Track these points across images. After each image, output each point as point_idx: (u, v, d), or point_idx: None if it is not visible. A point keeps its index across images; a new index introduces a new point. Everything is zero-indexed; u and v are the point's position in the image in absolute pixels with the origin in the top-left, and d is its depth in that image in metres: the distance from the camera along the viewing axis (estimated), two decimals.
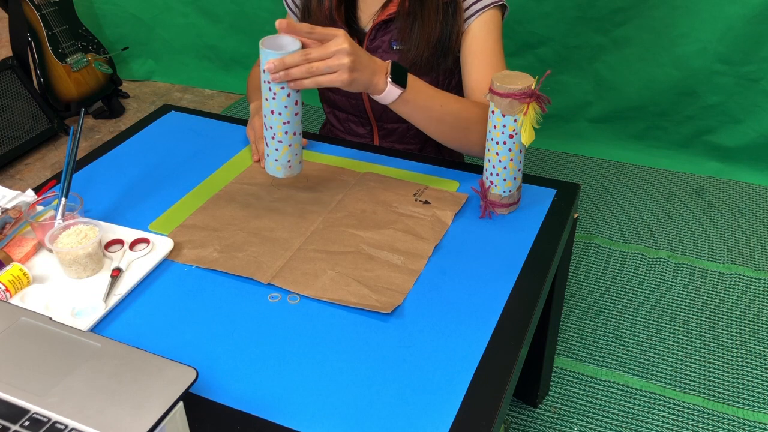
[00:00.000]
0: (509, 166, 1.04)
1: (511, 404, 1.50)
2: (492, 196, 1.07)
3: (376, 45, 1.24)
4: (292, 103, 1.00)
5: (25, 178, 2.40)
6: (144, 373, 0.68)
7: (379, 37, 1.23)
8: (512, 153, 1.03)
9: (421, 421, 0.75)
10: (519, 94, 0.98)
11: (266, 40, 0.98)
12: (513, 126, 1.00)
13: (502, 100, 0.99)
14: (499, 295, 0.92)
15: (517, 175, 1.06)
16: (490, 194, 1.07)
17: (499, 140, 1.02)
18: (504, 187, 1.06)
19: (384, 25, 1.22)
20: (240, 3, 2.75)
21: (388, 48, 1.23)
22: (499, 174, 1.05)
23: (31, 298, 0.90)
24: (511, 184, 1.06)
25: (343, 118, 1.36)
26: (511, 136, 1.01)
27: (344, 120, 1.37)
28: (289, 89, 0.98)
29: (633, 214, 2.13)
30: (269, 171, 1.06)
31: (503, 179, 1.05)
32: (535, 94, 0.98)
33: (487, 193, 1.07)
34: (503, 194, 1.06)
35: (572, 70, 2.39)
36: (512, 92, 0.98)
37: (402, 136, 1.34)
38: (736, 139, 2.28)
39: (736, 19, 2.09)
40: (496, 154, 1.04)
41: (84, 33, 2.70)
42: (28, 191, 1.10)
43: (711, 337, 1.67)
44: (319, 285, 0.93)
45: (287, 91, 0.98)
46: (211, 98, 2.92)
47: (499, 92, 0.98)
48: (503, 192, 1.06)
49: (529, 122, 0.99)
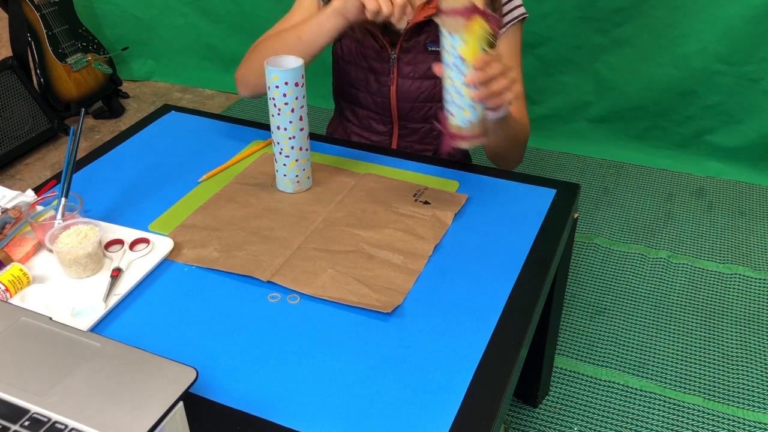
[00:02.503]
0: (464, 92, 0.96)
1: (511, 404, 1.50)
2: (451, 128, 1.00)
3: (411, 46, 1.24)
4: (297, 119, 1.05)
5: (25, 178, 2.40)
6: (144, 373, 0.68)
7: (414, 38, 1.23)
8: (466, 78, 0.95)
9: (421, 421, 0.75)
10: (463, 11, 0.91)
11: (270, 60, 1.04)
12: (462, 47, 0.93)
13: (448, 19, 0.93)
14: (499, 295, 0.92)
15: (475, 104, 0.98)
16: (450, 126, 1.00)
17: (450, 63, 0.95)
18: (462, 116, 0.98)
19: (419, 27, 1.22)
20: (240, 3, 2.75)
21: (423, 49, 1.23)
22: (455, 102, 0.98)
23: (31, 298, 0.90)
24: (469, 113, 0.98)
25: (364, 115, 1.36)
26: (462, 58, 0.94)
27: (364, 117, 1.36)
28: (293, 105, 1.02)
29: (633, 214, 2.13)
30: (279, 187, 1.13)
31: (460, 108, 0.98)
32: (479, 10, 0.92)
33: (447, 124, 1.00)
34: (462, 125, 0.99)
35: (572, 70, 2.39)
36: (456, 9, 0.92)
37: (423, 136, 1.34)
38: (736, 139, 2.28)
39: (736, 19, 2.09)
40: (450, 80, 0.97)
41: (84, 33, 2.70)
42: (28, 191, 1.10)
43: (711, 337, 1.67)
44: (319, 283, 0.93)
45: (291, 107, 1.04)
46: (211, 98, 2.92)
47: (445, 10, 0.93)
48: (462, 122, 0.99)
49: (475, 40, 0.93)
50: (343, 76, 1.35)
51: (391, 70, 1.27)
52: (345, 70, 1.34)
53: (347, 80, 1.34)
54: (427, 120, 1.31)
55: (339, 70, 1.36)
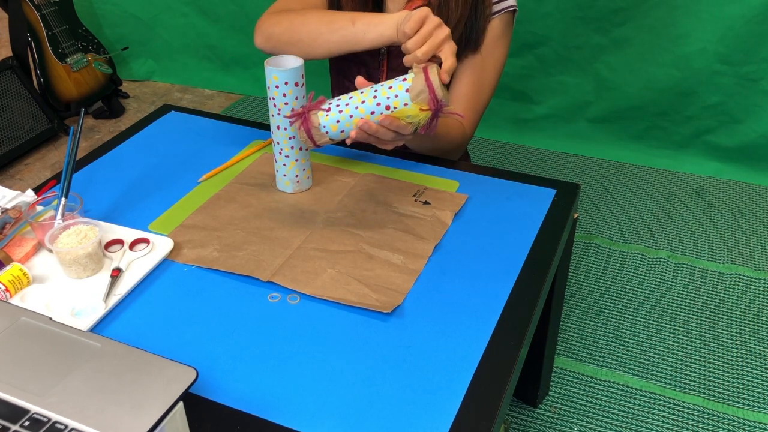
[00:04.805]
0: (354, 121, 0.95)
1: (511, 404, 1.50)
2: (314, 129, 0.97)
3: None
4: None
5: (25, 178, 2.40)
6: (144, 373, 0.68)
7: None
8: (371, 115, 0.95)
9: (421, 421, 0.75)
10: (435, 104, 0.92)
11: (270, 60, 1.04)
12: (401, 108, 0.94)
13: (421, 92, 0.92)
14: (499, 295, 0.92)
15: (348, 131, 0.97)
16: (314, 125, 0.97)
17: (380, 96, 0.95)
18: (332, 130, 0.97)
19: None
20: (240, 3, 2.75)
21: None
22: (339, 115, 0.96)
23: (31, 298, 0.90)
24: (336, 130, 0.97)
25: None
26: (392, 108, 0.94)
27: None
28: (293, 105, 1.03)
29: (633, 214, 2.13)
30: (279, 187, 1.13)
31: (337, 122, 0.96)
32: (440, 109, 0.93)
33: (313, 122, 0.97)
34: (323, 132, 0.97)
35: (572, 70, 2.39)
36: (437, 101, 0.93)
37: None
38: (736, 139, 2.28)
39: (736, 19, 2.09)
40: (359, 101, 0.96)
41: (84, 33, 2.70)
42: (28, 191, 1.10)
43: (711, 337, 1.67)
44: (319, 283, 0.93)
45: (291, 106, 1.04)
46: (211, 98, 2.92)
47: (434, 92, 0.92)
48: (326, 131, 0.97)
49: (413, 117, 0.94)
50: (337, 68, 1.36)
51: (381, 63, 1.27)
52: (337, 63, 1.34)
53: (340, 73, 1.35)
54: None
55: (332, 62, 1.37)
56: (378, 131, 0.95)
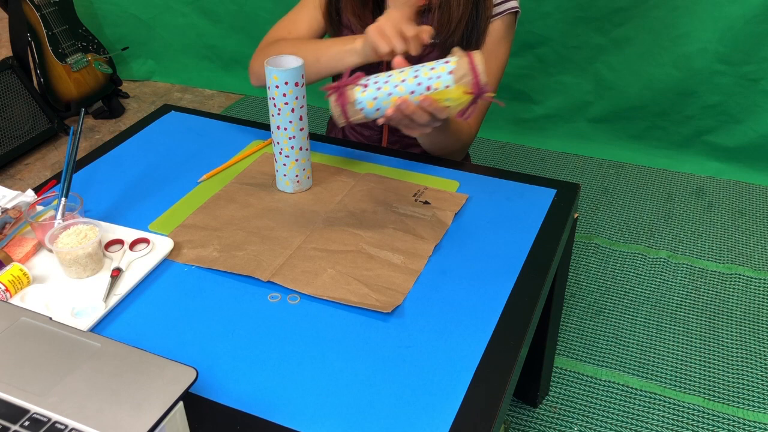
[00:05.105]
0: (392, 100, 0.95)
1: (511, 404, 1.50)
2: (349, 105, 0.96)
3: None
4: (297, 119, 1.05)
5: (25, 178, 2.40)
6: (144, 373, 0.68)
7: None
8: (411, 96, 0.94)
9: (421, 421, 0.75)
10: (478, 87, 0.92)
11: (270, 60, 1.04)
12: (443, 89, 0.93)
13: (465, 74, 0.92)
14: (499, 295, 0.92)
15: (383, 109, 0.96)
16: (350, 101, 0.96)
17: (421, 76, 0.94)
18: (367, 108, 0.96)
19: None
20: (240, 3, 2.75)
21: None
22: (378, 93, 0.95)
23: (31, 298, 0.90)
24: (372, 108, 0.96)
25: None
26: (432, 89, 0.93)
27: None
28: (293, 105, 1.02)
29: (633, 214, 2.13)
30: (279, 187, 1.13)
31: (374, 99, 0.95)
32: (482, 93, 0.93)
33: (349, 98, 0.96)
34: (357, 108, 0.96)
35: (572, 70, 2.39)
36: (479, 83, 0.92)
37: None
38: (736, 139, 2.28)
39: (736, 19, 2.09)
40: (400, 79, 0.95)
41: (84, 33, 2.70)
42: (28, 191, 1.10)
43: (711, 337, 1.67)
44: (319, 283, 0.93)
45: (291, 106, 1.04)
46: (211, 98, 2.92)
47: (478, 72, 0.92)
48: (361, 108, 0.96)
49: (456, 97, 0.93)
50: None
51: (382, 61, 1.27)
52: None
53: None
54: None
55: None
56: (415, 113, 0.94)
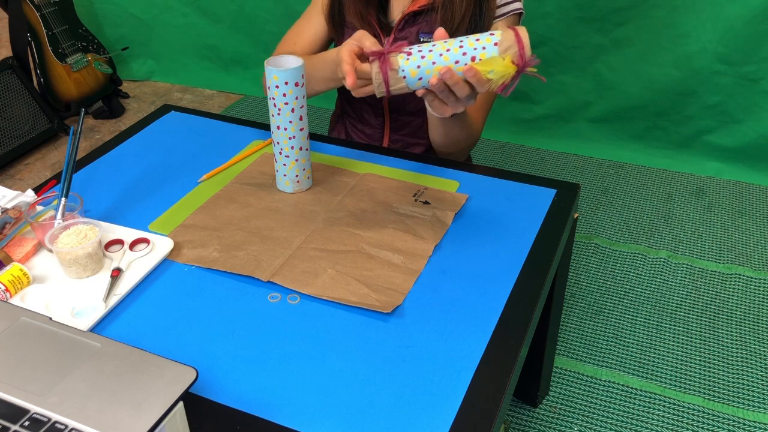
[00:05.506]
0: (435, 69, 0.94)
1: (511, 404, 1.50)
2: (392, 72, 0.94)
3: (404, 36, 1.24)
4: (297, 119, 1.06)
5: (25, 178, 2.40)
6: (144, 373, 0.68)
7: (408, 28, 1.24)
8: (455, 65, 0.93)
9: (421, 421, 0.75)
10: (524, 60, 0.92)
11: (270, 60, 1.04)
12: (490, 58, 0.92)
13: (511, 47, 0.92)
14: (499, 295, 0.92)
15: (426, 78, 0.94)
16: (392, 68, 0.94)
17: (466, 46, 0.93)
18: (410, 76, 0.94)
19: (413, 17, 1.23)
20: (240, 3, 2.75)
21: (416, 40, 1.24)
22: (423, 61, 0.93)
23: (31, 298, 0.90)
24: (415, 76, 0.94)
25: (358, 107, 1.37)
26: (477, 60, 0.92)
27: (359, 108, 1.37)
28: (293, 105, 1.02)
29: (633, 214, 2.13)
30: (279, 187, 1.13)
31: (417, 68, 0.94)
32: (527, 65, 0.93)
33: (391, 64, 0.94)
34: (400, 75, 0.94)
35: (572, 70, 2.39)
36: (525, 57, 0.93)
37: (415, 130, 1.35)
38: (736, 139, 2.28)
39: (736, 19, 2.09)
40: (444, 49, 0.94)
41: (84, 33, 2.70)
42: (28, 191, 1.10)
43: (711, 337, 1.67)
44: (319, 283, 0.93)
45: (291, 106, 1.04)
46: (211, 98, 2.92)
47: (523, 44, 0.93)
48: (403, 76, 0.94)
49: (500, 70, 0.92)
50: None
51: None
52: None
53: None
54: (419, 113, 1.31)
55: None
56: (457, 83, 0.93)
